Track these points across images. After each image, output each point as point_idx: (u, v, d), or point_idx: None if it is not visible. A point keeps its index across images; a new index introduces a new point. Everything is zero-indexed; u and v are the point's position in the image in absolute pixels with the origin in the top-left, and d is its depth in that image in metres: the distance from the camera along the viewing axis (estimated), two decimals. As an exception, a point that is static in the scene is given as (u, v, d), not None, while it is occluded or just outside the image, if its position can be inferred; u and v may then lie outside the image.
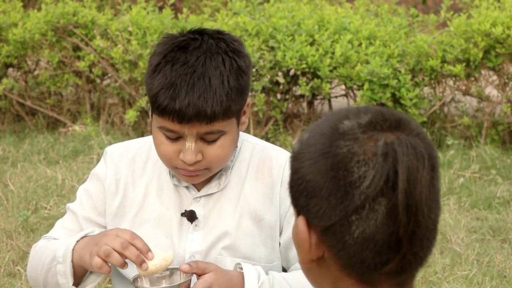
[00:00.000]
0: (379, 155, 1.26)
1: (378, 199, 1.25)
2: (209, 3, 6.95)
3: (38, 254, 2.20)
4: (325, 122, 1.34)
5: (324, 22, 6.04)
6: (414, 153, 1.27)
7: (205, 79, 2.03)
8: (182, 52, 2.07)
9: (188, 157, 2.06)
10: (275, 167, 2.21)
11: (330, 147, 1.29)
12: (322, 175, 1.29)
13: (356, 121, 1.30)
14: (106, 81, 6.51)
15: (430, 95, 6.02)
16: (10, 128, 6.39)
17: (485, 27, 5.64)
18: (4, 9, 6.48)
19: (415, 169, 1.26)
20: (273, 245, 2.19)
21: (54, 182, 4.95)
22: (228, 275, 2.08)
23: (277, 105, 6.01)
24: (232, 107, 2.05)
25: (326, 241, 1.30)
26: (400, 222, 1.25)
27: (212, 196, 2.19)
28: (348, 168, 1.27)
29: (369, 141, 1.28)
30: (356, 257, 1.28)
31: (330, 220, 1.28)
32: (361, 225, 1.26)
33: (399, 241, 1.26)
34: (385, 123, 1.30)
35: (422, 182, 1.26)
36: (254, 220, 2.18)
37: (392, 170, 1.25)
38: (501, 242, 4.31)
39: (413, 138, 1.29)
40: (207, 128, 2.04)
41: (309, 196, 1.30)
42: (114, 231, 2.05)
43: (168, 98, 2.02)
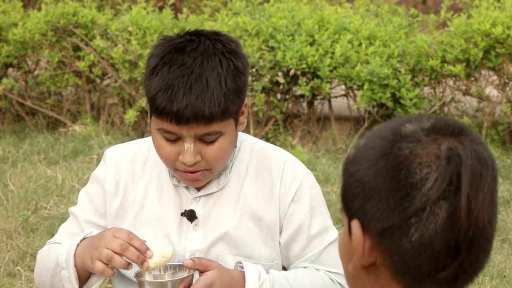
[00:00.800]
0: (443, 158, 1.23)
1: (440, 202, 1.22)
2: (209, 3, 6.95)
3: (43, 260, 2.22)
4: (385, 127, 1.31)
5: (324, 22, 6.04)
6: (477, 158, 1.25)
7: (202, 80, 2.04)
8: (179, 53, 2.08)
9: (187, 158, 2.07)
10: (274, 167, 2.22)
11: (391, 149, 1.26)
12: (382, 176, 1.25)
13: (419, 125, 1.28)
14: (106, 81, 6.51)
15: (430, 95, 6.02)
16: (10, 128, 6.39)
17: (485, 27, 5.64)
18: (4, 9, 6.48)
19: (479, 175, 1.24)
20: (273, 244, 2.20)
21: (54, 182, 4.95)
22: (230, 273, 2.09)
23: (277, 105, 6.01)
24: (230, 107, 2.06)
25: (382, 244, 1.26)
26: (460, 227, 1.22)
27: (211, 195, 2.20)
28: (410, 169, 1.23)
29: (432, 144, 1.25)
30: (412, 262, 1.24)
31: (388, 222, 1.24)
32: (420, 228, 1.23)
33: (458, 247, 1.23)
34: (448, 128, 1.27)
35: (485, 188, 1.24)
36: (254, 220, 2.19)
37: (456, 174, 1.22)
38: (501, 242, 4.31)
39: (476, 146, 1.27)
40: (205, 129, 2.04)
41: (366, 198, 1.27)
42: (111, 232, 2.05)
43: (166, 99, 2.03)
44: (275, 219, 2.20)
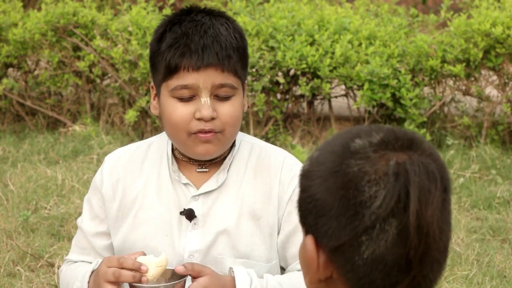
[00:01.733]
0: (391, 174, 1.24)
1: (389, 219, 1.23)
2: (209, 3, 6.95)
3: (64, 282, 2.27)
4: (336, 140, 1.32)
5: (324, 22, 6.04)
6: (426, 173, 1.25)
7: (214, 29, 2.11)
8: (186, 15, 2.15)
9: (204, 112, 2.09)
10: (273, 167, 2.22)
11: (340, 166, 1.27)
12: (332, 194, 1.26)
13: (368, 140, 1.28)
14: (106, 81, 6.51)
15: (430, 95, 6.02)
16: (10, 128, 6.39)
17: (485, 27, 5.64)
18: (4, 9, 6.48)
19: (427, 190, 1.24)
20: (272, 244, 2.20)
21: (54, 182, 4.95)
22: (222, 279, 2.10)
23: (277, 105, 6.01)
24: (239, 66, 2.11)
25: (335, 261, 1.27)
26: (411, 243, 1.23)
27: (210, 194, 2.20)
28: (359, 188, 1.24)
29: (381, 161, 1.25)
30: (365, 278, 1.25)
31: (339, 240, 1.25)
32: (371, 245, 1.24)
33: (409, 262, 1.24)
34: (397, 142, 1.28)
35: (434, 203, 1.24)
36: (253, 219, 2.19)
37: (404, 191, 1.23)
38: (501, 242, 4.31)
39: (425, 159, 1.27)
40: (221, 78, 2.09)
41: (318, 215, 1.28)
42: (103, 264, 2.09)
43: (183, 45, 2.08)
44: (273, 218, 2.20)
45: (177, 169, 2.22)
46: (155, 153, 2.25)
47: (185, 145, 2.15)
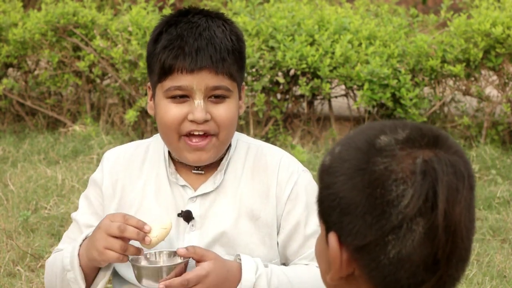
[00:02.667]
0: (418, 173, 1.22)
1: (416, 219, 1.21)
2: (209, 3, 6.95)
3: (50, 268, 2.24)
4: (360, 135, 1.30)
5: (324, 22, 6.03)
6: (453, 172, 1.24)
7: (210, 31, 2.10)
8: (183, 16, 2.15)
9: (197, 114, 2.08)
10: (270, 166, 2.22)
11: (367, 164, 1.25)
12: (358, 192, 1.24)
13: (393, 137, 1.26)
14: (106, 81, 6.50)
15: (430, 95, 6.02)
16: (10, 128, 6.38)
17: (485, 27, 5.64)
18: (4, 9, 6.48)
19: (455, 189, 1.23)
20: (271, 243, 2.19)
21: (54, 182, 4.95)
22: (227, 265, 2.09)
23: (277, 105, 6.01)
24: (234, 69, 2.10)
25: (359, 259, 1.26)
26: (438, 243, 1.22)
27: (208, 196, 2.19)
28: (386, 187, 1.23)
29: (407, 159, 1.24)
30: (390, 277, 1.24)
31: (365, 239, 1.24)
32: (397, 245, 1.22)
33: (436, 262, 1.23)
34: (423, 139, 1.26)
35: (462, 202, 1.23)
36: (251, 219, 2.19)
37: (432, 190, 1.22)
38: (501, 242, 4.31)
39: (452, 156, 1.25)
40: (215, 81, 2.08)
41: (342, 213, 1.26)
42: (107, 219, 2.07)
43: (176, 48, 2.08)
44: (272, 218, 2.19)
45: (174, 171, 2.21)
46: (154, 154, 2.25)
47: (176, 149, 2.15)
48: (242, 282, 2.09)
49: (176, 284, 2.02)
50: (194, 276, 2.03)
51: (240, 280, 2.09)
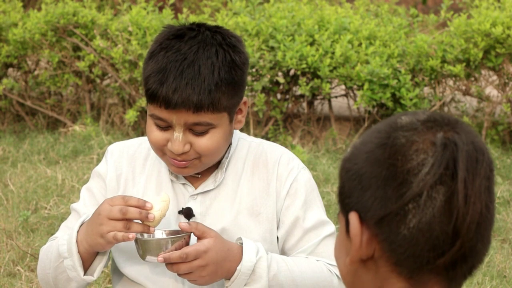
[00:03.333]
0: (439, 145, 1.24)
1: (437, 187, 1.23)
2: (209, 3, 6.95)
3: (45, 255, 2.22)
4: (382, 122, 1.33)
5: (324, 22, 6.03)
6: (473, 146, 1.26)
7: (195, 67, 2.04)
8: (177, 40, 2.10)
9: (175, 147, 2.07)
10: (270, 162, 2.23)
11: (388, 139, 1.27)
12: (379, 165, 1.26)
13: (415, 117, 1.29)
14: (106, 81, 6.51)
15: (430, 95, 6.02)
16: (10, 128, 6.39)
17: (485, 27, 5.64)
18: (4, 9, 6.48)
19: (475, 160, 1.25)
20: (271, 239, 2.20)
21: (54, 182, 4.95)
22: (227, 245, 2.10)
23: (277, 105, 6.01)
24: (222, 100, 2.06)
25: (380, 234, 1.26)
26: (458, 211, 1.23)
27: (208, 193, 2.20)
28: (407, 156, 1.24)
29: (428, 133, 1.26)
30: (410, 249, 1.25)
31: (386, 209, 1.25)
32: (418, 214, 1.23)
33: (456, 232, 1.24)
34: (444, 120, 1.29)
35: (482, 174, 1.25)
36: (251, 216, 2.19)
37: (452, 159, 1.23)
38: (501, 242, 4.31)
39: (472, 136, 1.28)
40: (194, 118, 2.05)
41: (363, 190, 1.27)
42: (106, 203, 2.07)
43: (157, 82, 2.04)
44: (272, 213, 2.20)
45: None
46: None
47: (163, 159, 2.17)
48: (242, 262, 2.10)
49: (175, 257, 2.04)
50: (193, 251, 2.04)
51: (241, 261, 2.10)
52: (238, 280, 2.11)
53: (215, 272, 2.08)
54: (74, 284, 2.16)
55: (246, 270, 2.10)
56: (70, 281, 2.16)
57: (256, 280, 2.12)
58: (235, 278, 2.10)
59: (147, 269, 2.22)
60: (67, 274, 2.14)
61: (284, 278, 2.15)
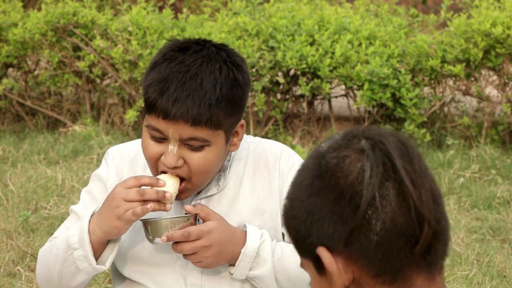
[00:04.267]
0: (367, 149, 1.28)
1: (385, 184, 1.26)
2: (209, 3, 6.95)
3: (48, 252, 2.21)
4: (306, 161, 1.36)
5: (324, 22, 6.03)
6: (396, 138, 1.31)
7: (197, 79, 2.03)
8: (181, 52, 2.08)
9: (168, 160, 2.06)
10: (271, 160, 2.23)
11: (320, 167, 1.30)
12: (324, 192, 1.29)
13: (333, 139, 1.33)
14: (106, 81, 6.51)
15: (430, 95, 6.02)
16: (10, 128, 6.39)
17: (485, 27, 5.64)
18: (4, 9, 6.48)
19: (404, 146, 1.30)
20: (276, 236, 2.21)
21: (54, 182, 4.95)
22: (231, 228, 2.12)
23: (277, 105, 6.01)
24: (221, 116, 2.04)
25: (353, 253, 1.27)
26: (412, 197, 1.26)
27: (212, 198, 2.20)
28: (345, 170, 1.28)
29: (353, 144, 1.30)
30: (387, 252, 1.27)
31: (348, 226, 1.26)
32: (379, 216, 1.26)
33: (419, 216, 1.27)
34: (358, 130, 1.33)
35: (416, 158, 1.29)
36: (255, 215, 2.20)
37: (386, 156, 1.28)
38: (501, 242, 4.31)
39: (391, 134, 1.33)
40: (191, 132, 2.03)
41: (319, 222, 1.29)
42: (119, 187, 2.07)
43: (157, 91, 2.03)
44: (276, 211, 2.21)
45: None
46: None
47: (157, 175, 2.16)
48: (247, 244, 2.11)
49: (178, 235, 2.05)
50: (196, 230, 2.06)
51: (245, 244, 2.10)
52: (243, 263, 2.12)
53: (219, 253, 2.09)
54: (81, 277, 2.15)
55: (250, 252, 2.11)
56: (76, 274, 2.14)
57: (261, 263, 2.13)
58: (240, 261, 2.11)
59: (149, 269, 2.21)
60: (75, 267, 2.13)
61: (289, 264, 2.15)
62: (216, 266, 2.13)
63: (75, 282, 2.16)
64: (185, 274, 2.19)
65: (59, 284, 2.18)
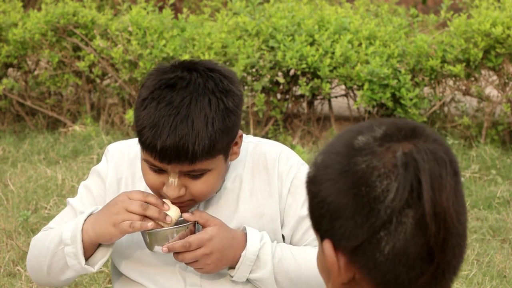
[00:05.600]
0: (400, 166, 1.23)
1: (405, 211, 1.22)
2: (209, 3, 6.95)
3: (40, 242, 2.20)
4: (338, 141, 1.31)
5: (324, 22, 6.04)
6: (434, 159, 1.24)
7: (188, 121, 2.01)
8: (168, 90, 2.05)
9: (170, 192, 2.07)
10: (270, 161, 2.22)
11: (348, 165, 1.26)
12: (344, 195, 1.25)
13: (371, 135, 1.27)
14: (106, 81, 6.51)
15: (430, 95, 6.02)
16: (10, 128, 6.39)
17: (485, 27, 5.64)
18: (4, 9, 6.48)
19: (438, 176, 1.23)
20: (276, 238, 2.20)
21: (54, 182, 4.95)
22: (232, 232, 2.11)
23: (277, 105, 6.01)
24: (218, 146, 2.03)
25: (356, 261, 1.26)
26: (430, 231, 1.22)
27: (210, 200, 2.20)
28: (370, 184, 1.23)
29: (387, 153, 1.25)
30: (390, 274, 1.24)
31: (358, 239, 1.24)
32: (390, 240, 1.23)
33: (431, 251, 1.23)
34: (400, 133, 1.27)
35: (447, 187, 1.23)
36: (255, 218, 2.19)
37: (415, 180, 1.22)
38: (501, 242, 4.31)
39: (431, 145, 1.26)
40: (189, 167, 2.03)
41: (332, 218, 1.26)
42: (125, 195, 2.07)
43: (151, 137, 2.02)
44: (275, 212, 2.20)
45: None
46: None
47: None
48: (247, 247, 2.10)
49: (178, 246, 2.04)
50: (196, 239, 2.05)
51: (245, 247, 2.10)
52: (243, 267, 2.12)
53: (220, 259, 2.08)
54: (69, 273, 2.15)
55: (250, 256, 2.11)
56: (65, 270, 2.15)
57: (261, 266, 2.13)
58: (240, 264, 2.11)
59: (148, 270, 2.21)
60: (64, 262, 2.13)
61: (289, 265, 2.15)
62: (217, 271, 2.13)
63: (64, 277, 2.17)
64: (184, 275, 2.19)
65: (47, 276, 2.19)
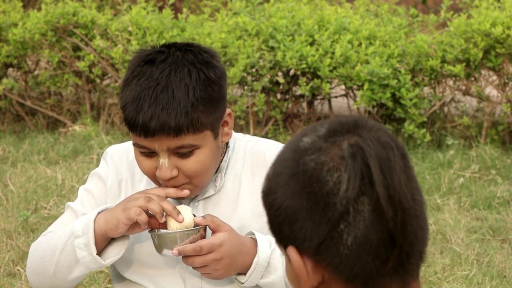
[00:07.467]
0: (347, 157, 1.24)
1: (360, 199, 1.23)
2: (209, 3, 6.95)
3: (44, 244, 2.18)
4: (285, 149, 1.32)
5: (324, 22, 6.04)
6: (380, 144, 1.26)
7: (168, 91, 2.02)
8: (148, 66, 2.07)
9: (162, 173, 2.06)
10: (269, 160, 2.21)
11: (297, 167, 1.27)
12: (298, 196, 1.26)
13: (315, 135, 1.29)
14: (106, 81, 6.51)
15: (430, 95, 6.02)
16: (10, 128, 6.39)
17: (485, 27, 5.64)
18: (4, 9, 6.48)
19: (386, 159, 1.25)
20: None
21: (54, 182, 4.95)
22: (241, 239, 2.11)
23: (277, 105, 6.02)
24: (202, 118, 2.03)
25: (322, 260, 1.26)
26: (387, 215, 1.23)
27: (210, 199, 2.19)
28: (321, 179, 1.24)
29: (333, 147, 1.26)
30: (357, 265, 1.25)
31: (320, 237, 1.25)
32: (351, 231, 1.23)
33: (392, 235, 1.24)
34: (343, 127, 1.28)
35: (397, 169, 1.25)
36: (255, 217, 2.19)
37: (365, 167, 1.23)
38: (501, 242, 4.31)
39: (375, 133, 1.28)
40: (176, 142, 2.03)
41: (291, 222, 1.27)
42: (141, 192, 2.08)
43: (133, 111, 2.02)
44: None
45: None
46: None
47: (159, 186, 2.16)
48: (259, 254, 2.10)
49: (189, 250, 2.04)
50: (207, 244, 2.05)
51: (256, 254, 2.10)
52: (256, 273, 2.12)
53: (230, 265, 2.08)
54: (78, 270, 2.13)
55: (263, 262, 2.11)
56: (73, 267, 2.13)
57: (272, 272, 2.13)
58: (252, 271, 2.11)
59: (148, 271, 2.21)
60: (73, 257, 2.11)
61: None
62: (226, 277, 2.12)
63: (71, 276, 2.14)
64: (184, 276, 2.19)
65: (53, 276, 2.16)
